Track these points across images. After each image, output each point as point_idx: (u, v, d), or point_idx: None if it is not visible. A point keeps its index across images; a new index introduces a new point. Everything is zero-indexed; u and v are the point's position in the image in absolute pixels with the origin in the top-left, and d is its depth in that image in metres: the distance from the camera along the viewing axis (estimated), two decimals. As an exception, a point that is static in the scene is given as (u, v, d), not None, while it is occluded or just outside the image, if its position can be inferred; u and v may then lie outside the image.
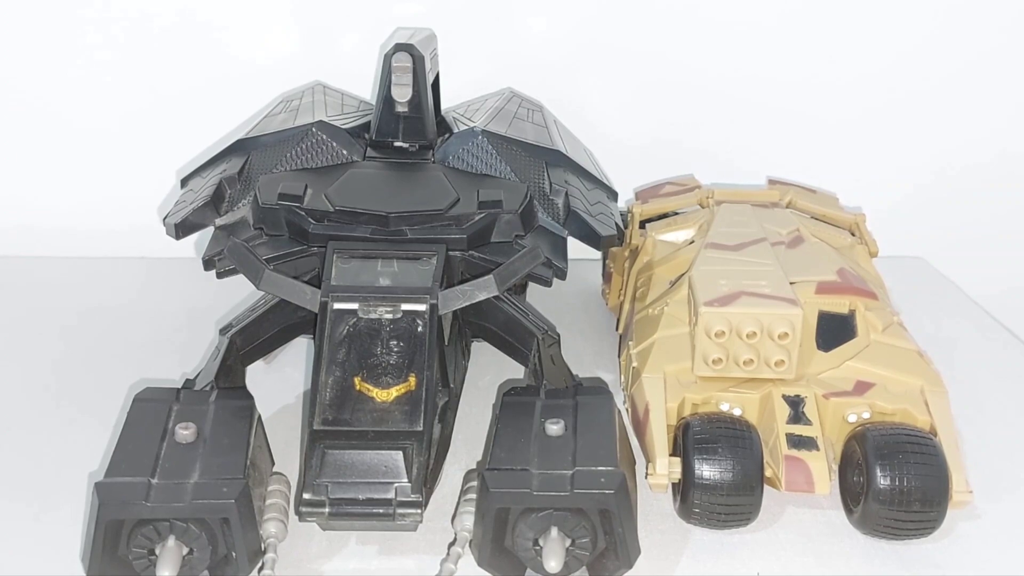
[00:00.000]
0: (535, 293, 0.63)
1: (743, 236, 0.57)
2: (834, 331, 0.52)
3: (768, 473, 0.46)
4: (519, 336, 0.53)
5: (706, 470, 0.44)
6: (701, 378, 0.50)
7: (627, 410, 0.52)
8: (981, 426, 0.55)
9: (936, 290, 0.75)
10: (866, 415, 0.48)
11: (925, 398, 0.48)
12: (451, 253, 0.50)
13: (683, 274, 0.55)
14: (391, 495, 0.41)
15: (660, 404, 0.48)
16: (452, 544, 0.43)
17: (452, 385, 0.50)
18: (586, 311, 0.69)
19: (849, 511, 0.46)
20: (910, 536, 0.45)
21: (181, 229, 0.56)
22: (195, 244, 0.73)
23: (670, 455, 0.46)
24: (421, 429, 0.43)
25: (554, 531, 0.40)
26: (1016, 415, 0.57)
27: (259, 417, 0.46)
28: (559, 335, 0.53)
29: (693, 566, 0.44)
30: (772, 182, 0.69)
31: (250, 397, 0.46)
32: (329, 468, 0.42)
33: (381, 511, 0.41)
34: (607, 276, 0.69)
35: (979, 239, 0.83)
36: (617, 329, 0.61)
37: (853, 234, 0.63)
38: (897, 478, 0.43)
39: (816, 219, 0.63)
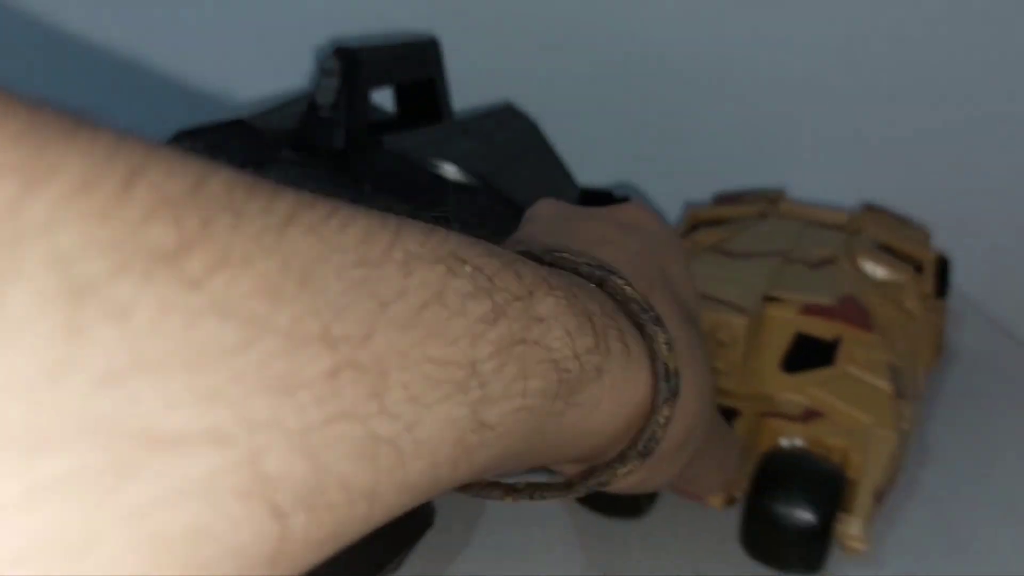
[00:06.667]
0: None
1: (760, 247, 0.55)
2: (808, 355, 0.49)
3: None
4: None
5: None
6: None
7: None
8: (984, 436, 0.52)
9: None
10: (798, 443, 0.45)
11: (868, 438, 0.45)
12: None
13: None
14: None
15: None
16: None
17: None
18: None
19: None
20: (791, 568, 0.42)
21: None
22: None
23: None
24: None
25: None
26: (1020, 424, 0.54)
27: None
28: None
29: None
30: (868, 208, 0.65)
31: None
32: None
33: None
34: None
35: (982, 247, 0.77)
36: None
37: (920, 271, 0.58)
38: (774, 501, 0.41)
39: (882, 247, 0.59)
